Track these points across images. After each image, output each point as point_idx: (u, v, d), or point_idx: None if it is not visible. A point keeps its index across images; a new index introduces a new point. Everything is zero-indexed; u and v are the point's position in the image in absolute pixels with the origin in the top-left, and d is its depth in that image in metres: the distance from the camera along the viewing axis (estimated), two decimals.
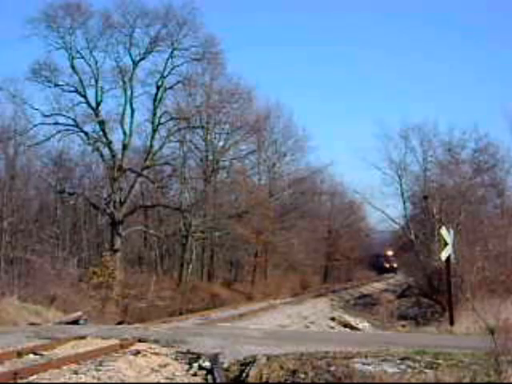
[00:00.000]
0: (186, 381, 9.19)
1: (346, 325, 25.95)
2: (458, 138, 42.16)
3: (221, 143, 43.14)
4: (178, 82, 38.38)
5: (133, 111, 37.91)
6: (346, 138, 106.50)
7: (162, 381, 9.09)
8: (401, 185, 43.28)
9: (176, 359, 10.49)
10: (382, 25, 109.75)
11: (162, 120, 38.32)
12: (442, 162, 42.08)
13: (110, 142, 37.35)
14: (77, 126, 37.07)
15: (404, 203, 43.23)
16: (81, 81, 36.95)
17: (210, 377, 9.20)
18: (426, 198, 38.58)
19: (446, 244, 20.81)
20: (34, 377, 8.69)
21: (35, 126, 36.59)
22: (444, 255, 20.82)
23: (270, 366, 9.19)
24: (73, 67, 36.87)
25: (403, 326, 25.76)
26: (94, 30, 36.71)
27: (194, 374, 9.51)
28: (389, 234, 59.91)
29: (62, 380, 8.66)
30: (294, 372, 8.89)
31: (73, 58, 36.69)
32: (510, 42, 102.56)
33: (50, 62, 36.67)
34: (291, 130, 49.89)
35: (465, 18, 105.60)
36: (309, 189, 53.19)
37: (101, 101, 37.18)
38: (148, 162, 38.20)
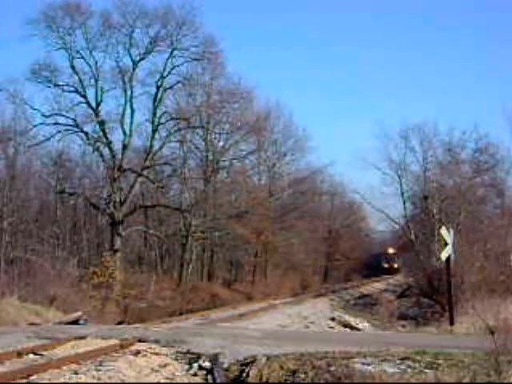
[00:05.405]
0: (186, 381, 9.19)
1: (345, 325, 25.91)
2: (458, 137, 42.20)
3: (221, 143, 43.21)
4: (178, 82, 38.42)
5: (133, 111, 38.00)
6: (346, 138, 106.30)
7: (162, 381, 9.09)
8: (401, 185, 43.27)
9: (176, 359, 10.49)
10: (382, 25, 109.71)
11: (162, 120, 38.35)
12: (441, 162, 42.07)
13: (110, 142, 37.38)
14: (77, 126, 37.09)
15: (404, 203, 43.20)
16: (81, 81, 36.99)
17: (209, 377, 9.21)
18: (426, 198, 38.59)
19: (446, 244, 20.80)
20: (34, 377, 8.69)
21: (35, 126, 36.73)
22: (444, 255, 20.82)
23: (269, 366, 9.20)
24: (73, 67, 36.92)
25: (403, 326, 25.74)
26: (94, 30, 36.81)
27: (194, 374, 9.51)
28: (389, 233, 59.92)
29: (62, 380, 8.66)
30: (294, 372, 8.90)
31: (73, 58, 36.77)
32: (510, 41, 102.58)
33: (49, 62, 36.80)
34: (291, 130, 49.95)
35: (465, 17, 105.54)
36: (309, 189, 53.17)
37: (101, 101, 37.26)
38: (148, 162, 38.21)
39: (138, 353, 10.75)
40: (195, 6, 37.30)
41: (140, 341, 11.99)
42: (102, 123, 37.13)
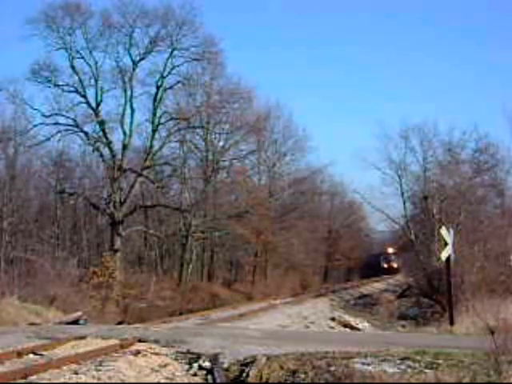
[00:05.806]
0: (186, 381, 9.19)
1: (346, 325, 25.92)
2: (458, 138, 42.10)
3: (221, 143, 43.19)
4: (178, 81, 38.43)
5: (133, 111, 38.01)
6: (346, 138, 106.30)
7: (162, 381, 9.09)
8: (401, 185, 43.15)
9: (176, 359, 10.49)
10: (382, 25, 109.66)
11: (162, 120, 38.36)
12: (441, 162, 42.01)
13: (110, 142, 37.38)
14: (77, 126, 37.11)
15: (404, 203, 43.10)
16: (81, 81, 37.01)
17: (210, 377, 9.21)
18: (425, 198, 38.54)
19: (446, 244, 20.82)
20: (34, 377, 8.69)
21: (35, 126, 36.77)
22: (444, 255, 20.83)
23: (269, 366, 9.20)
24: (73, 67, 36.94)
25: (403, 326, 25.77)
26: (94, 30, 36.85)
27: (194, 374, 9.51)
28: (389, 233, 59.87)
29: (62, 380, 8.65)
30: (294, 372, 8.90)
31: (73, 58, 36.79)
32: (509, 41, 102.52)
33: (49, 62, 36.85)
34: (291, 130, 49.95)
35: (465, 18, 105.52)
36: (309, 189, 53.17)
37: (101, 101, 37.27)
38: (148, 162, 38.21)
39: (138, 353, 10.75)
40: (195, 6, 37.40)
41: (140, 341, 12.00)
42: (101, 123, 37.13)
